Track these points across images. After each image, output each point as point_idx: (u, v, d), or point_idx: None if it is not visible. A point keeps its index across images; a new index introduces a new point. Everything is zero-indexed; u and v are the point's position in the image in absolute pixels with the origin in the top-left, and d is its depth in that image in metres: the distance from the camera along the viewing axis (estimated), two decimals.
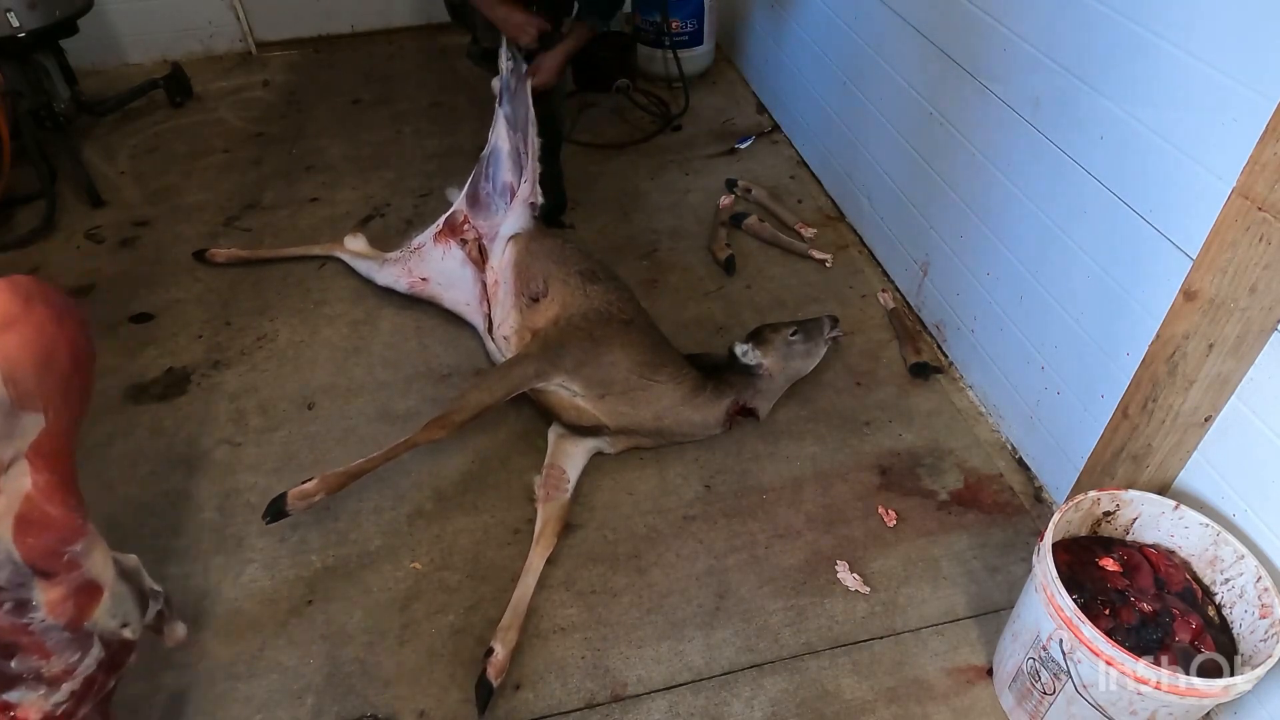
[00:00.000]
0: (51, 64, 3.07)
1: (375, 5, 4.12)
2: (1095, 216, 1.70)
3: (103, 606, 1.23)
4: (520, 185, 2.39)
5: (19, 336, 1.08)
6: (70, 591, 1.17)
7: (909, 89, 2.36)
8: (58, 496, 1.15)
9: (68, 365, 1.16)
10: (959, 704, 1.64)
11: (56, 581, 1.15)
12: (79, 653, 1.20)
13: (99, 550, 1.23)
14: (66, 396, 1.16)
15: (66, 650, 1.19)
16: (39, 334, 1.11)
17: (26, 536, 1.10)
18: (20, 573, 1.11)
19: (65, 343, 1.16)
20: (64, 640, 1.18)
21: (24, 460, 1.10)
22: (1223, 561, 1.48)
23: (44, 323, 1.12)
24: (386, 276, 2.53)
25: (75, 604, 1.18)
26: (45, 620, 1.15)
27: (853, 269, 2.71)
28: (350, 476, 1.84)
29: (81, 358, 1.20)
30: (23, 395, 1.08)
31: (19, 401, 1.08)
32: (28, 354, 1.09)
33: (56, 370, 1.14)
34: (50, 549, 1.14)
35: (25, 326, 1.09)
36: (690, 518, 1.97)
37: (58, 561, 1.15)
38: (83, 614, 1.20)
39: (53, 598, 1.15)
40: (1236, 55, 1.34)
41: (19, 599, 1.12)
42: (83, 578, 1.19)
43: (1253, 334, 1.34)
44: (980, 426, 2.19)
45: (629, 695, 1.65)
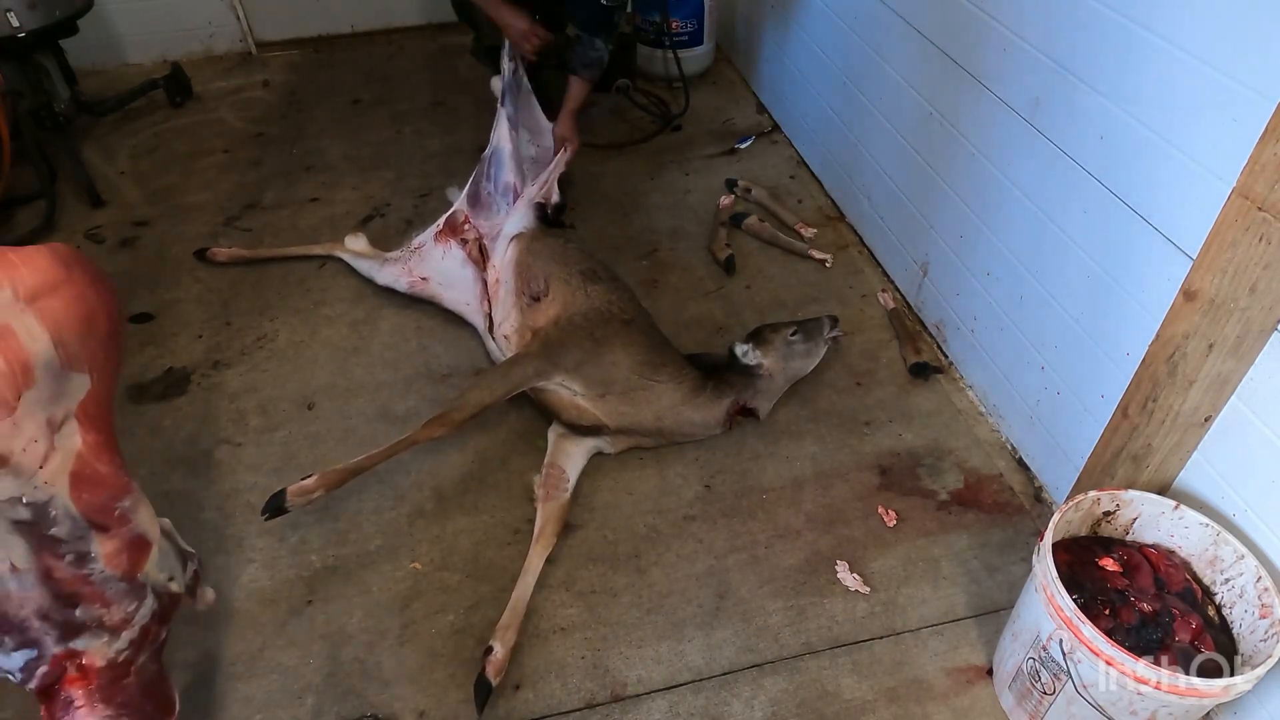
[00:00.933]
0: (51, 64, 3.07)
1: (375, 5, 4.12)
2: (1095, 216, 1.70)
3: (152, 560, 1.30)
4: (525, 186, 2.39)
5: (64, 301, 1.13)
6: (124, 544, 1.24)
7: (909, 89, 2.36)
8: (105, 455, 1.21)
9: (106, 329, 1.22)
10: (959, 704, 1.64)
11: (111, 535, 1.22)
12: (135, 602, 1.27)
13: (145, 506, 1.29)
14: (107, 358, 1.22)
15: (124, 599, 1.25)
16: (81, 299, 1.16)
17: (82, 492, 1.16)
18: (79, 526, 1.16)
19: (103, 307, 1.21)
20: (121, 590, 1.24)
21: (73, 420, 1.16)
22: (1223, 561, 1.48)
23: (84, 288, 1.17)
24: (387, 276, 2.53)
25: (128, 556, 1.25)
26: (104, 571, 1.21)
27: (853, 269, 2.71)
28: (350, 473, 1.84)
29: (115, 323, 1.26)
30: (70, 357, 1.13)
31: (67, 362, 1.13)
32: (72, 317, 1.14)
33: (97, 333, 1.19)
34: (103, 504, 1.20)
35: (69, 291, 1.14)
36: (690, 518, 1.97)
37: (110, 516, 1.21)
38: (135, 566, 1.26)
39: (109, 550, 1.21)
40: (1236, 55, 1.34)
41: (79, 551, 1.18)
42: (133, 532, 1.26)
43: (1253, 334, 1.34)
44: (980, 426, 2.19)
45: (629, 695, 1.65)
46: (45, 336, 1.09)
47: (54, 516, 1.13)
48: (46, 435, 1.11)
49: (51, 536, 1.14)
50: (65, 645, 1.20)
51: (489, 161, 2.43)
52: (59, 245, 1.17)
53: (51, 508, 1.13)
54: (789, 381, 2.18)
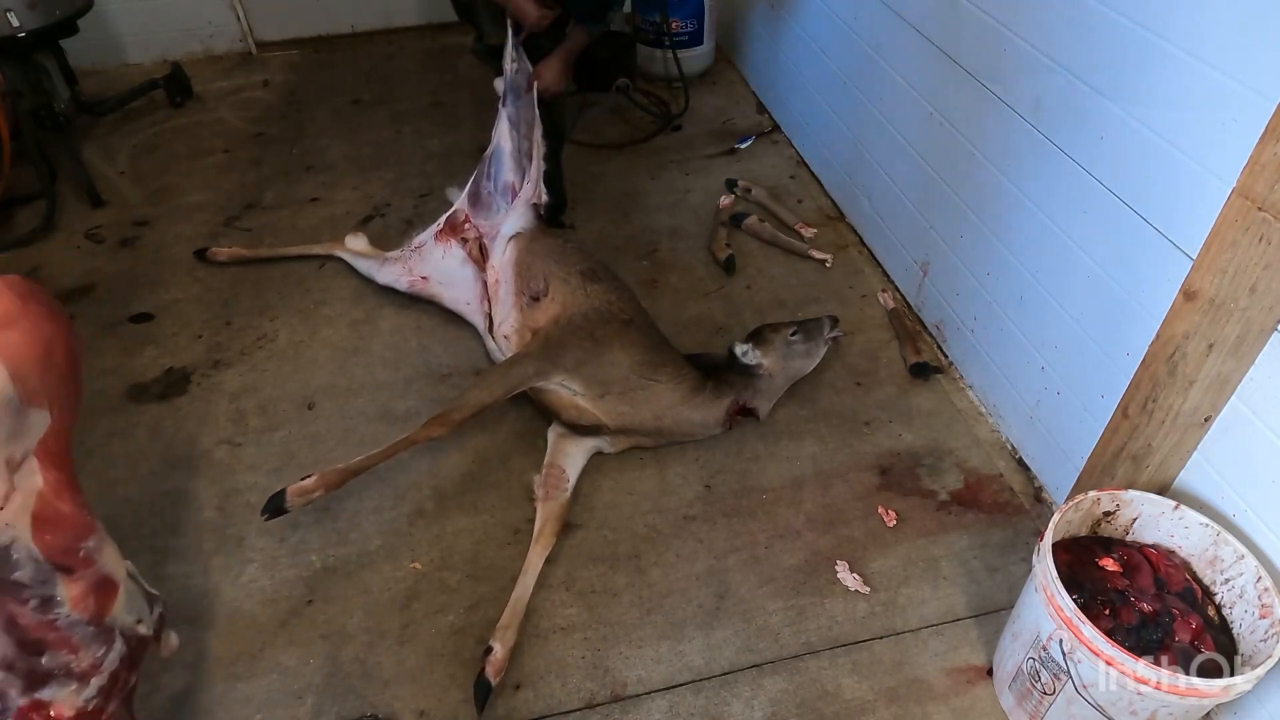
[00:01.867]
0: (51, 64, 3.07)
1: (375, 5, 4.12)
2: (1095, 216, 1.70)
3: (119, 602, 1.26)
4: (523, 185, 2.39)
5: (21, 334, 1.09)
6: (90, 586, 1.19)
7: (909, 89, 2.36)
8: (66, 493, 1.16)
9: (64, 362, 1.17)
10: (959, 704, 1.64)
11: (76, 577, 1.17)
12: (104, 647, 1.23)
13: (109, 547, 1.25)
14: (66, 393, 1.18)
15: (92, 644, 1.21)
16: (38, 331, 1.12)
17: (44, 534, 1.12)
18: (42, 570, 1.12)
19: (61, 340, 1.17)
20: (89, 634, 1.20)
21: (33, 458, 1.12)
22: (1223, 561, 1.48)
23: (41, 321, 1.14)
24: (387, 275, 2.53)
25: (95, 599, 1.20)
26: (70, 615, 1.17)
27: (853, 269, 2.71)
28: (350, 473, 1.84)
29: (74, 355, 1.22)
30: (29, 392, 1.09)
31: (26, 398, 1.09)
32: (30, 351, 1.10)
33: (56, 367, 1.15)
34: (67, 545, 1.16)
35: (25, 324, 1.11)
36: (690, 518, 1.97)
37: (75, 557, 1.17)
38: (103, 609, 1.22)
39: (75, 593, 1.17)
40: (1236, 55, 1.34)
41: (44, 595, 1.13)
42: (99, 573, 1.21)
43: (1253, 334, 1.34)
44: (980, 426, 2.19)
45: (629, 695, 1.65)
46: (3, 371, 1.05)
47: (16, 560, 1.08)
48: (5, 475, 1.07)
49: (14, 581, 1.09)
50: (31, 695, 1.14)
51: (489, 161, 2.43)
52: (13, 278, 1.14)
53: (13, 551, 1.08)
54: (789, 381, 2.17)
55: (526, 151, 2.43)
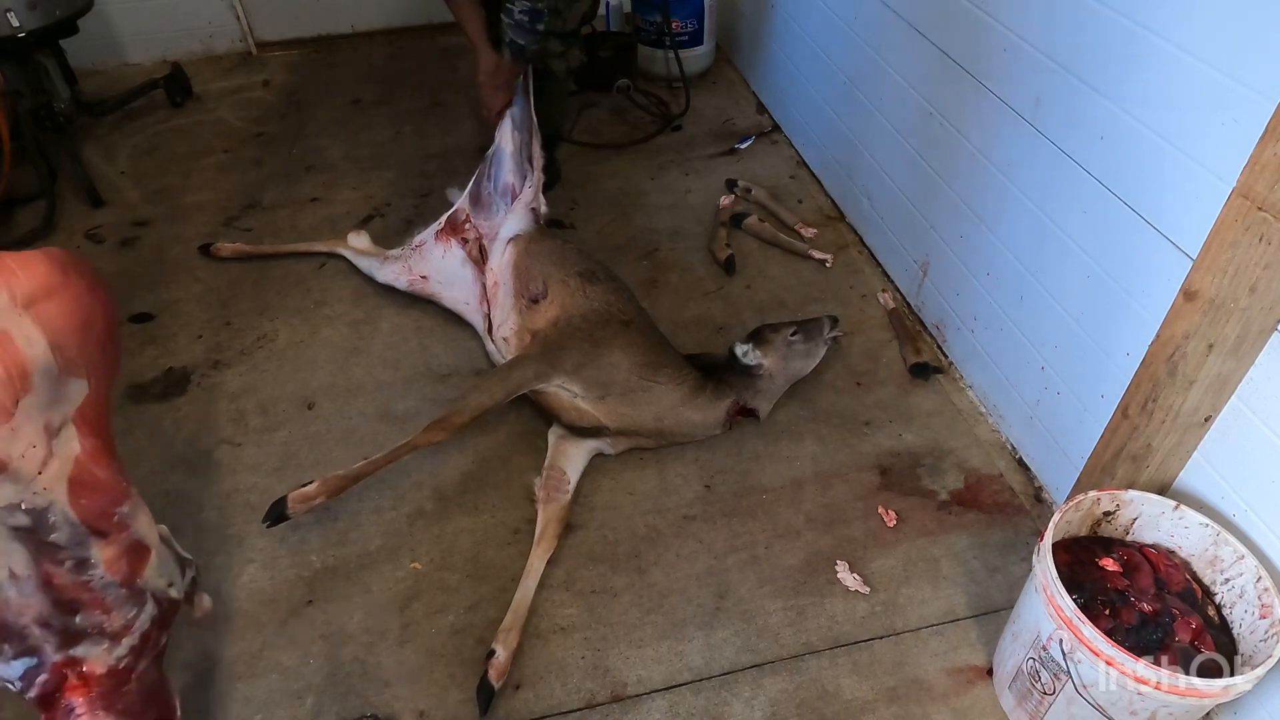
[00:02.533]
0: (51, 64, 3.06)
1: (375, 5, 4.11)
2: (1095, 216, 1.70)
3: (151, 565, 1.29)
4: (523, 188, 2.39)
5: (60, 305, 1.12)
6: (123, 550, 1.23)
7: (909, 89, 2.36)
8: (103, 459, 1.20)
9: (103, 333, 1.21)
10: (959, 704, 1.64)
11: (110, 540, 1.21)
12: (135, 608, 1.26)
13: (143, 512, 1.28)
14: (104, 363, 1.22)
15: (124, 605, 1.24)
16: (78, 302, 1.16)
17: (80, 498, 1.15)
18: (78, 532, 1.16)
19: (100, 311, 1.21)
20: (121, 596, 1.23)
21: (71, 425, 1.15)
22: (1223, 561, 1.48)
23: (81, 292, 1.17)
24: (387, 274, 2.53)
25: (128, 562, 1.24)
26: (104, 577, 1.20)
27: (853, 269, 2.71)
28: (351, 479, 1.84)
29: (112, 326, 1.25)
30: (68, 361, 1.13)
31: (65, 367, 1.12)
32: (70, 322, 1.13)
33: (95, 337, 1.19)
34: (101, 510, 1.19)
35: (65, 295, 1.13)
36: (690, 518, 1.97)
37: (109, 521, 1.21)
38: (135, 571, 1.26)
39: (108, 556, 1.21)
40: (1236, 55, 1.34)
41: (79, 557, 1.17)
42: (132, 537, 1.25)
43: (1253, 334, 1.34)
44: (980, 426, 2.19)
45: (629, 695, 1.65)
46: (43, 341, 1.08)
47: (53, 522, 1.13)
48: (44, 441, 1.10)
49: (50, 543, 1.13)
50: (65, 653, 1.19)
51: (490, 161, 2.43)
52: (55, 250, 1.17)
53: (50, 514, 1.12)
54: (789, 381, 2.17)
55: (528, 155, 2.43)
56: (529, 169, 2.43)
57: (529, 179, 2.41)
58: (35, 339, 1.07)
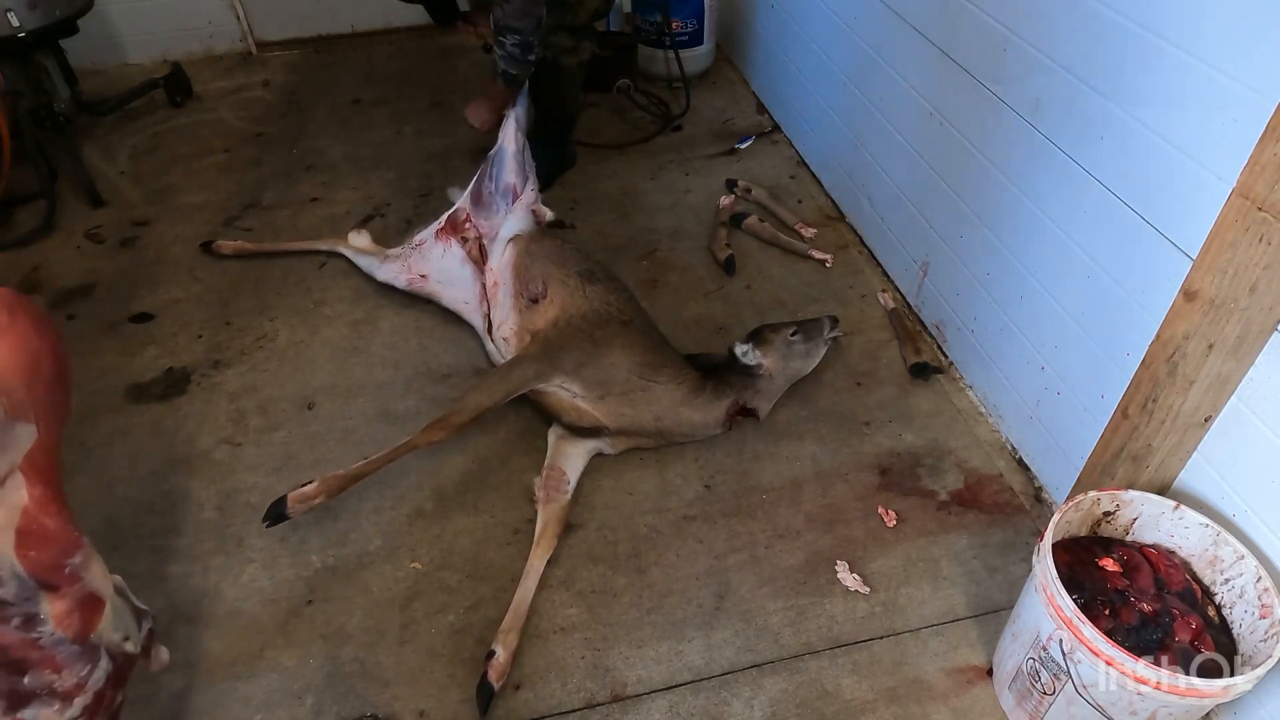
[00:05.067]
0: (51, 64, 3.07)
1: (375, 5, 4.11)
2: (1095, 216, 1.70)
3: (106, 619, 1.22)
4: (524, 189, 2.39)
5: (7, 347, 1.08)
6: (75, 604, 1.16)
7: (909, 89, 2.36)
8: (53, 508, 1.13)
9: (52, 375, 1.15)
10: (959, 704, 1.64)
11: (61, 594, 1.14)
12: (89, 665, 1.19)
13: (96, 562, 1.22)
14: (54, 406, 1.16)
15: (77, 663, 1.17)
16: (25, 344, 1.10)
17: (28, 550, 1.09)
18: (25, 587, 1.09)
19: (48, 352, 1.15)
20: (73, 653, 1.17)
21: (18, 473, 1.09)
22: (1223, 561, 1.48)
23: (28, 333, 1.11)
24: (386, 272, 2.53)
25: (80, 616, 1.17)
26: (54, 634, 1.13)
27: (853, 269, 2.71)
28: (351, 479, 1.84)
29: (63, 368, 1.19)
30: (15, 405, 1.07)
31: (11, 411, 1.07)
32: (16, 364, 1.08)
33: (43, 380, 1.13)
34: (52, 562, 1.13)
35: (12, 336, 1.09)
36: (690, 518, 1.97)
37: (60, 574, 1.14)
38: (88, 626, 1.19)
39: (59, 611, 1.14)
40: (1236, 55, 1.34)
41: (27, 613, 1.10)
42: (85, 590, 1.18)
43: (1253, 334, 1.34)
44: (980, 426, 2.19)
45: (629, 695, 1.65)
46: None
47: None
48: None
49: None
50: (13, 716, 1.12)
51: (492, 161, 2.43)
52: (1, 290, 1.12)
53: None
54: (789, 381, 2.17)
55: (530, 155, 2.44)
56: (530, 170, 2.43)
57: (530, 180, 2.41)
58: None
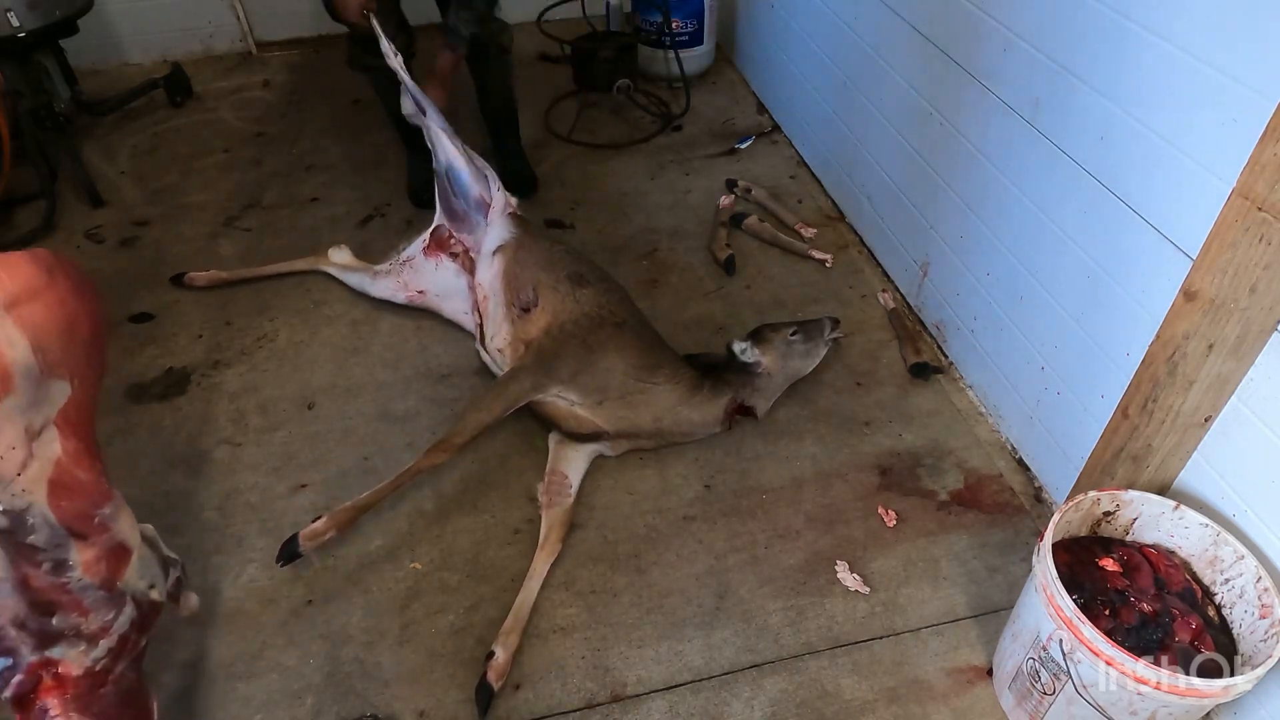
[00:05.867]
0: (51, 64, 3.07)
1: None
2: (1095, 216, 1.70)
3: (132, 567, 1.28)
4: (492, 195, 2.33)
5: (45, 307, 1.12)
6: (103, 552, 1.22)
7: (909, 89, 2.36)
8: (85, 461, 1.20)
9: (88, 335, 1.21)
10: (959, 704, 1.64)
11: (90, 543, 1.20)
12: (114, 611, 1.25)
13: (125, 514, 1.28)
14: (89, 365, 1.21)
15: (102, 608, 1.24)
16: (62, 304, 1.15)
17: (60, 500, 1.15)
18: (56, 534, 1.15)
19: (85, 313, 1.20)
20: (100, 599, 1.23)
21: (53, 427, 1.15)
22: (1223, 561, 1.48)
23: (66, 294, 1.16)
24: (382, 289, 2.49)
25: (108, 564, 1.23)
26: (82, 579, 1.20)
27: (853, 269, 2.71)
28: (358, 511, 1.82)
29: (99, 328, 1.25)
30: (51, 363, 1.12)
31: (47, 369, 1.12)
32: (53, 324, 1.13)
33: (79, 339, 1.18)
34: (82, 512, 1.19)
35: (50, 297, 1.13)
36: (690, 518, 1.97)
37: (89, 524, 1.20)
38: (115, 574, 1.25)
39: (87, 558, 1.20)
40: (1237, 55, 1.34)
41: (57, 559, 1.16)
42: (113, 539, 1.24)
43: (1253, 334, 1.34)
44: (980, 426, 2.19)
45: (629, 695, 1.65)
46: (24, 343, 1.08)
47: (31, 524, 1.12)
48: (25, 442, 1.10)
49: (29, 544, 1.13)
50: (41, 654, 1.18)
51: (447, 177, 2.36)
52: (41, 251, 1.17)
53: (29, 515, 1.12)
54: (788, 381, 2.17)
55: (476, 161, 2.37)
56: (486, 171, 2.36)
57: (492, 181, 2.35)
58: (17, 340, 1.07)
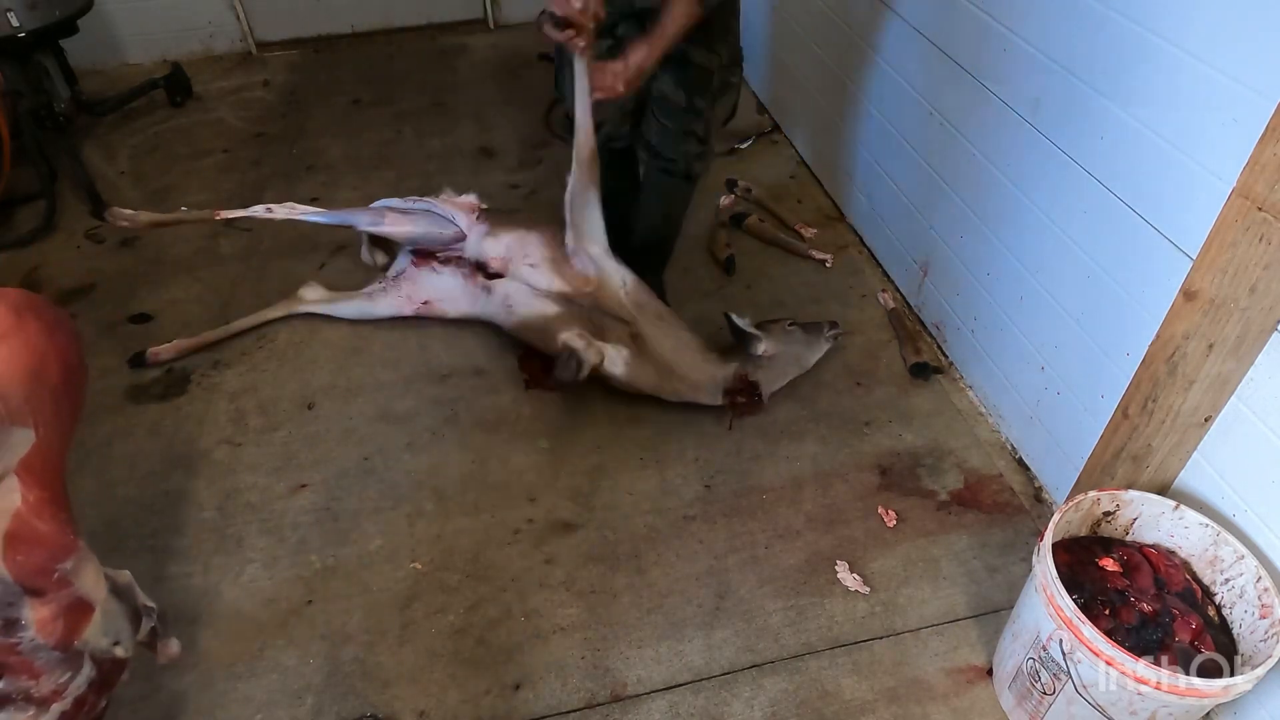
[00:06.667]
0: (51, 64, 3.07)
1: (375, 5, 4.12)
2: (1095, 216, 1.70)
3: (94, 625, 1.20)
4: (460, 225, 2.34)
5: (9, 350, 1.07)
6: (60, 610, 1.14)
7: (909, 89, 2.36)
8: (48, 511, 1.12)
9: (59, 379, 1.14)
10: (959, 704, 1.64)
11: (46, 600, 1.12)
12: (69, 672, 1.17)
13: (90, 567, 1.20)
14: (58, 411, 1.15)
15: (56, 670, 1.15)
16: (29, 348, 1.10)
17: (16, 554, 1.07)
18: (9, 591, 1.08)
19: (56, 356, 1.14)
20: (54, 660, 1.14)
21: (13, 476, 1.08)
22: (1223, 561, 1.48)
23: (35, 336, 1.11)
24: (386, 308, 2.44)
25: (65, 623, 1.15)
26: (34, 640, 1.11)
27: (853, 269, 2.71)
28: None
29: (73, 371, 1.18)
30: (12, 410, 1.07)
31: (9, 416, 1.06)
32: (18, 368, 1.08)
33: (47, 384, 1.12)
34: (40, 566, 1.11)
35: (15, 340, 1.09)
36: (690, 518, 1.97)
37: (48, 579, 1.12)
38: (73, 633, 1.16)
39: (42, 616, 1.12)
40: (1236, 55, 1.34)
41: (7, 618, 1.09)
42: (73, 595, 1.16)
43: (1253, 334, 1.34)
44: (980, 426, 2.19)
45: (629, 695, 1.65)
46: None
47: None
48: None
49: None
50: None
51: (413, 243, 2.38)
52: (11, 291, 1.12)
53: None
54: (790, 366, 2.20)
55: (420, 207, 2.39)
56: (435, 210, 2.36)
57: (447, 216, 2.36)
58: None
